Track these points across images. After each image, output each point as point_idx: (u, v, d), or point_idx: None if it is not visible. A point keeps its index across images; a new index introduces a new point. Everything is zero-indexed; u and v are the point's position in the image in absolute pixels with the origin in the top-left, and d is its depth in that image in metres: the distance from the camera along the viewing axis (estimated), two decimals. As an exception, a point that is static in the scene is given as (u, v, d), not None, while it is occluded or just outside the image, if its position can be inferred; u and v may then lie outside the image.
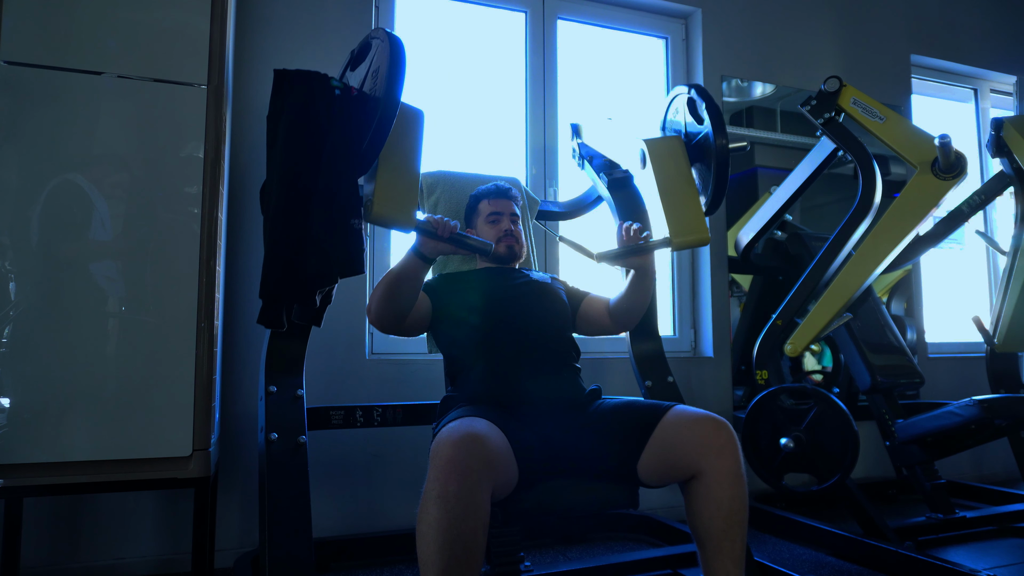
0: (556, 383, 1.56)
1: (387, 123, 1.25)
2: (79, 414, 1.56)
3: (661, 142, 1.52)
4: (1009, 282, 2.42)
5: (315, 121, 1.28)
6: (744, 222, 2.82)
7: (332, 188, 1.27)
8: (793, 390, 2.12)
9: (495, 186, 1.80)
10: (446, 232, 1.37)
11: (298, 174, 1.28)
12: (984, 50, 3.62)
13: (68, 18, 1.63)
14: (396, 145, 1.32)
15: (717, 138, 1.47)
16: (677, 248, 1.45)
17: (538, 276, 1.76)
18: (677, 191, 1.46)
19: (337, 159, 1.27)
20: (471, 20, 2.75)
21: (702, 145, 1.52)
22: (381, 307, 1.49)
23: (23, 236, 1.56)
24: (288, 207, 1.28)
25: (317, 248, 1.27)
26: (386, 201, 1.30)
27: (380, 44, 1.30)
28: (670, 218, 1.45)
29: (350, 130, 1.28)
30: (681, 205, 1.45)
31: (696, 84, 1.57)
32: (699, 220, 1.44)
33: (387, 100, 1.24)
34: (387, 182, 1.31)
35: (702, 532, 1.32)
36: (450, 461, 1.15)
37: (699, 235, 1.43)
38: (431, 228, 1.36)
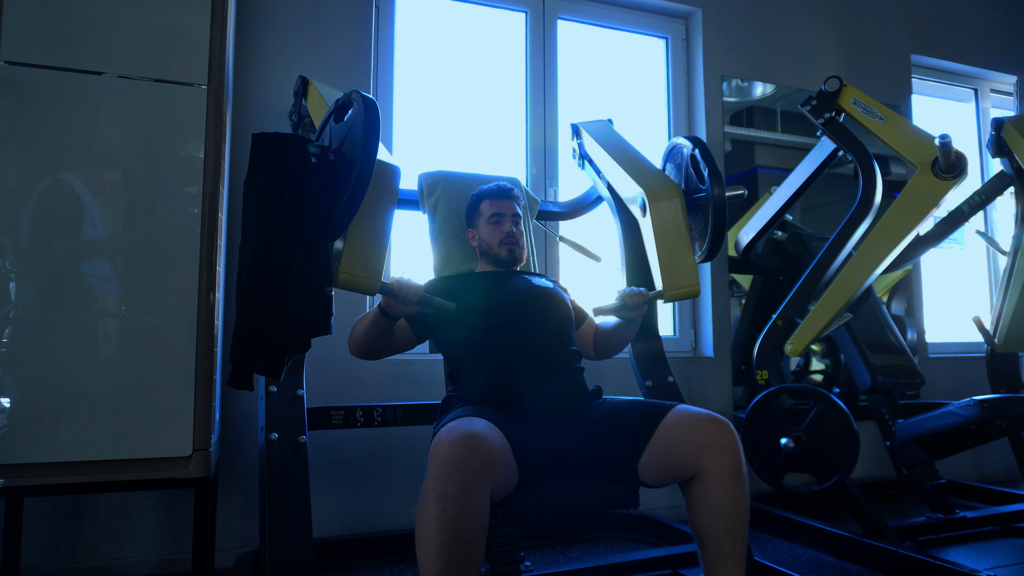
0: (557, 383, 1.55)
1: (361, 191, 1.26)
2: (79, 414, 1.56)
3: (662, 192, 1.59)
4: (1009, 282, 2.42)
5: (290, 186, 1.27)
6: (744, 222, 2.82)
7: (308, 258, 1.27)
8: (793, 390, 2.12)
9: (497, 186, 1.80)
10: (408, 300, 1.39)
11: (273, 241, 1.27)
12: (984, 50, 3.62)
13: (68, 18, 1.63)
14: (368, 209, 1.33)
15: (715, 189, 1.56)
16: (669, 300, 1.55)
17: (539, 281, 1.76)
18: (673, 246, 1.56)
19: (313, 227, 1.27)
20: (471, 20, 2.75)
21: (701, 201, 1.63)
22: (357, 349, 1.59)
23: (23, 236, 1.56)
24: (261, 274, 1.27)
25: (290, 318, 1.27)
26: (352, 267, 1.32)
27: (356, 108, 1.31)
28: (664, 271, 1.55)
29: (325, 195, 1.28)
30: (676, 260, 1.55)
31: (698, 140, 1.64)
32: (692, 275, 1.54)
33: (360, 172, 1.25)
34: (355, 249, 1.32)
35: (703, 532, 1.32)
36: (449, 461, 1.15)
37: (691, 288, 1.53)
38: (395, 293, 1.38)
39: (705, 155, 1.60)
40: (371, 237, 1.35)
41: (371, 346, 1.56)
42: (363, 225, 1.34)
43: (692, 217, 1.65)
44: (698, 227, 1.67)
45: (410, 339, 1.66)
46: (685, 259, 1.54)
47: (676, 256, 1.55)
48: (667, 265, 1.55)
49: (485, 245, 1.77)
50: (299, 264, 1.27)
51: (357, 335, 1.56)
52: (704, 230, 1.62)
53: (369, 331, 1.53)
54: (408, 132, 2.59)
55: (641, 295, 1.56)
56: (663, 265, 1.55)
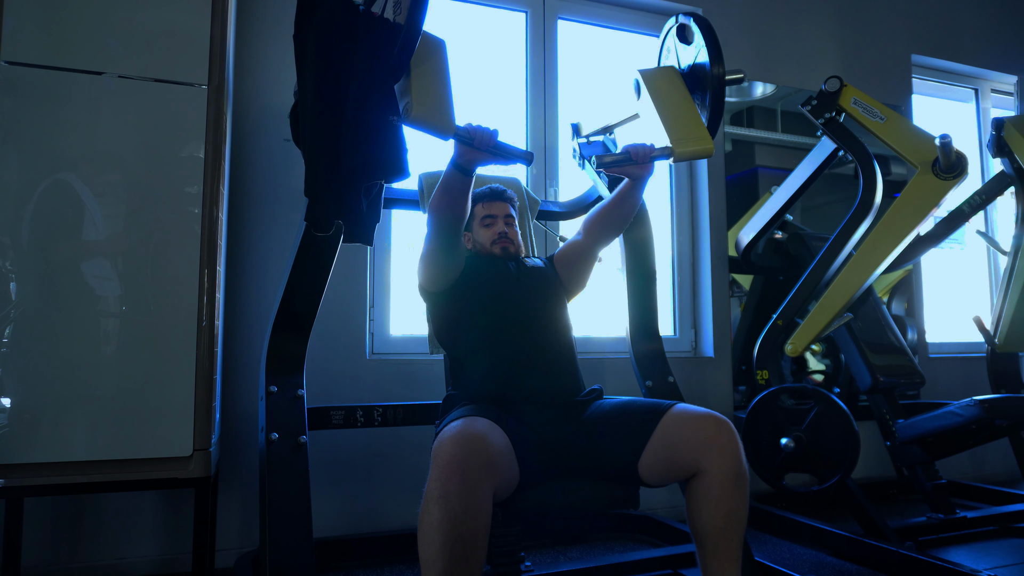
0: (557, 382, 1.56)
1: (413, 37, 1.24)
2: (79, 414, 1.56)
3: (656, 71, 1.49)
4: (1010, 282, 2.42)
5: (342, 36, 1.28)
6: (744, 222, 2.82)
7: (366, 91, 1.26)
8: (793, 390, 2.12)
9: (489, 189, 1.80)
10: (483, 143, 1.36)
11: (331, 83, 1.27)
12: (984, 50, 3.62)
13: (68, 18, 1.63)
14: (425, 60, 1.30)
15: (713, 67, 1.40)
16: (679, 158, 1.38)
17: (532, 263, 1.75)
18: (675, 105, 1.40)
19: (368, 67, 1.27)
20: (471, 20, 2.75)
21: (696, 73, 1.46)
22: (440, 207, 1.50)
23: (24, 236, 1.56)
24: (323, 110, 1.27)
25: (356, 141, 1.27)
26: (424, 104, 1.28)
27: None
28: (670, 128, 1.37)
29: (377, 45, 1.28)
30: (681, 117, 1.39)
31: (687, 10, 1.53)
32: (701, 130, 1.36)
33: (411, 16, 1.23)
34: (423, 87, 1.29)
35: (701, 531, 1.32)
36: (451, 461, 1.15)
37: (703, 144, 1.34)
38: (468, 137, 1.34)
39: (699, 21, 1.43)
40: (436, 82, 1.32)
41: (449, 212, 1.49)
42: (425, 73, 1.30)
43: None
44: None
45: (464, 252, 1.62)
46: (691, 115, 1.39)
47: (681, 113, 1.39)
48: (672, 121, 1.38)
49: (479, 247, 1.76)
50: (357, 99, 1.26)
51: (434, 200, 1.50)
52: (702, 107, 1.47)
53: (444, 194, 1.47)
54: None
55: (647, 149, 1.47)
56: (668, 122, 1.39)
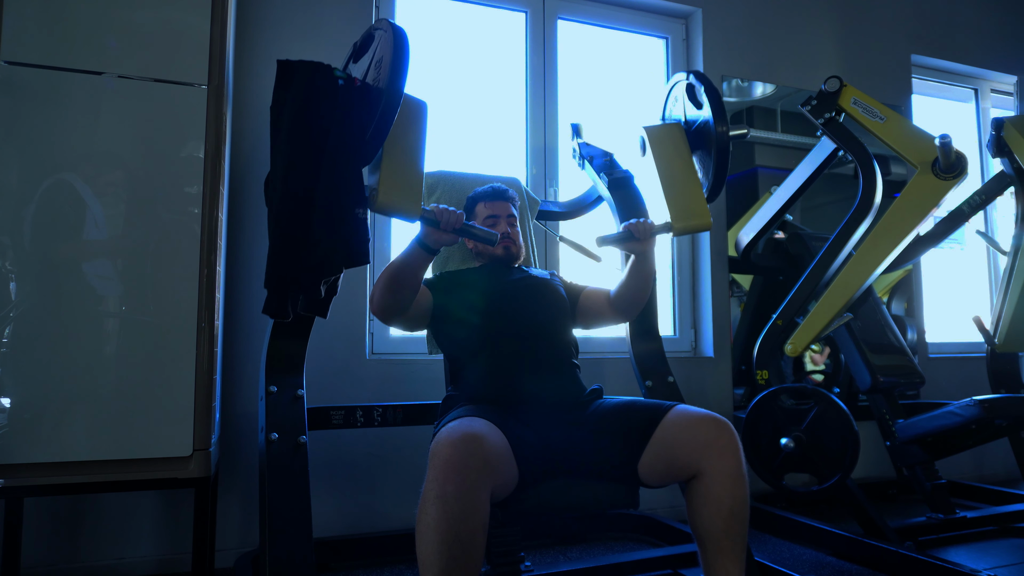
0: (557, 383, 1.55)
1: (391, 113, 1.24)
2: (79, 414, 1.56)
3: (661, 129, 1.51)
4: (1009, 282, 2.42)
5: (318, 112, 1.28)
6: (744, 222, 2.82)
7: (336, 178, 1.26)
8: (793, 390, 2.12)
9: (491, 188, 1.80)
10: (450, 225, 1.35)
11: (302, 165, 1.27)
12: (984, 50, 3.62)
13: (68, 18, 1.63)
14: (400, 136, 1.30)
15: (717, 125, 1.44)
16: (679, 233, 1.43)
17: (537, 273, 1.76)
18: (678, 176, 1.44)
19: (341, 149, 1.27)
20: (471, 20, 2.75)
21: (702, 132, 1.50)
22: (384, 297, 1.48)
23: (23, 236, 1.56)
24: (292, 197, 1.27)
25: (322, 237, 1.27)
26: (391, 190, 1.28)
27: (383, 35, 1.30)
28: (671, 203, 1.42)
29: (353, 121, 1.28)
30: (682, 190, 1.43)
31: (695, 70, 1.55)
32: (701, 205, 1.41)
33: (391, 90, 1.23)
34: (392, 171, 1.29)
35: (703, 532, 1.32)
36: (448, 461, 1.15)
37: (701, 220, 1.40)
38: (436, 218, 1.34)
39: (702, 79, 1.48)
40: (406, 163, 1.31)
41: (399, 289, 1.45)
42: (398, 152, 1.30)
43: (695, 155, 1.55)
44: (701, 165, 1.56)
45: (428, 308, 1.61)
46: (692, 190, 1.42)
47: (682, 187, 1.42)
48: (674, 196, 1.42)
49: (481, 247, 1.76)
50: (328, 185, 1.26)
51: (385, 278, 1.46)
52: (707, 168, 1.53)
53: (400, 270, 1.43)
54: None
55: (648, 225, 1.48)
56: (669, 197, 1.42)
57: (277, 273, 1.29)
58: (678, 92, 1.64)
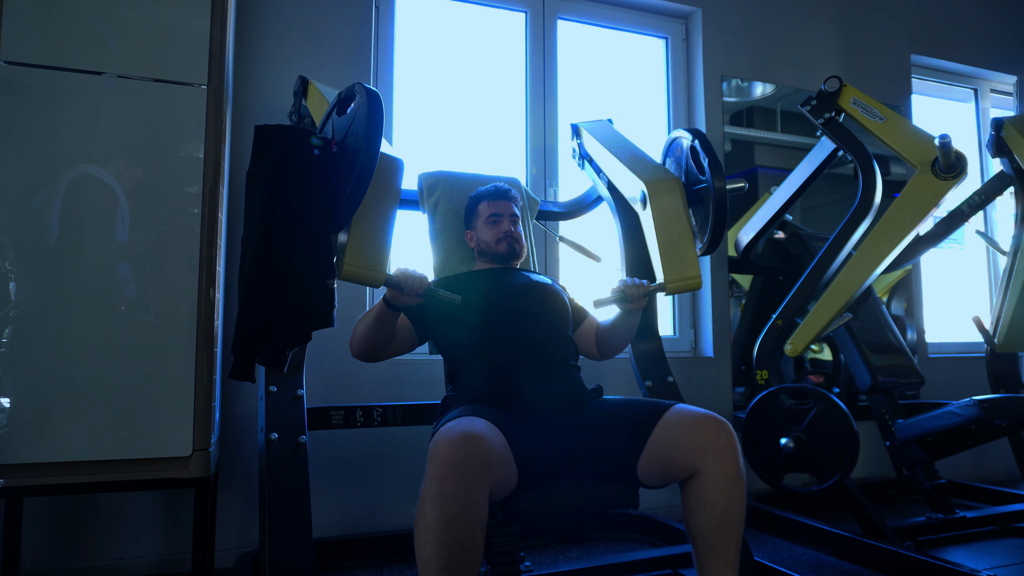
0: (556, 383, 1.55)
1: (364, 183, 1.26)
2: (79, 414, 1.56)
3: (662, 184, 1.57)
4: (1009, 282, 2.42)
5: (293, 179, 1.28)
6: (744, 222, 2.82)
7: (309, 251, 1.28)
8: (793, 390, 2.12)
9: (495, 187, 1.80)
10: (413, 292, 1.39)
11: (275, 232, 1.28)
12: (984, 50, 3.62)
13: (68, 18, 1.63)
14: (372, 200, 1.33)
15: (716, 182, 1.53)
16: (671, 292, 1.52)
17: (538, 278, 1.76)
18: (674, 237, 1.53)
19: (315, 219, 1.28)
20: (471, 20, 2.75)
21: (701, 192, 1.60)
22: (360, 347, 1.55)
23: (23, 236, 1.56)
24: (263, 265, 1.28)
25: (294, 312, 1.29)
26: (357, 259, 1.31)
27: (360, 100, 1.31)
28: (666, 264, 1.52)
29: (328, 188, 1.29)
30: (678, 252, 1.52)
31: (698, 131, 1.62)
32: (693, 267, 1.51)
33: (364, 164, 1.24)
34: (359, 241, 1.32)
35: (697, 532, 1.31)
36: (447, 461, 1.15)
37: (693, 281, 1.50)
38: (400, 284, 1.38)
39: (705, 146, 1.58)
40: (375, 229, 1.34)
41: (373, 343, 1.54)
42: (367, 217, 1.33)
43: (693, 210, 1.63)
44: (699, 220, 1.64)
45: (412, 340, 1.65)
46: (686, 251, 1.51)
47: (677, 248, 1.52)
48: (668, 257, 1.52)
49: (483, 245, 1.77)
50: (301, 256, 1.28)
51: (359, 333, 1.54)
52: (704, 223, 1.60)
53: (372, 328, 1.51)
54: (408, 132, 2.59)
55: (641, 287, 1.56)
56: (664, 257, 1.52)
57: (246, 342, 1.30)
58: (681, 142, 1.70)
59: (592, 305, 1.59)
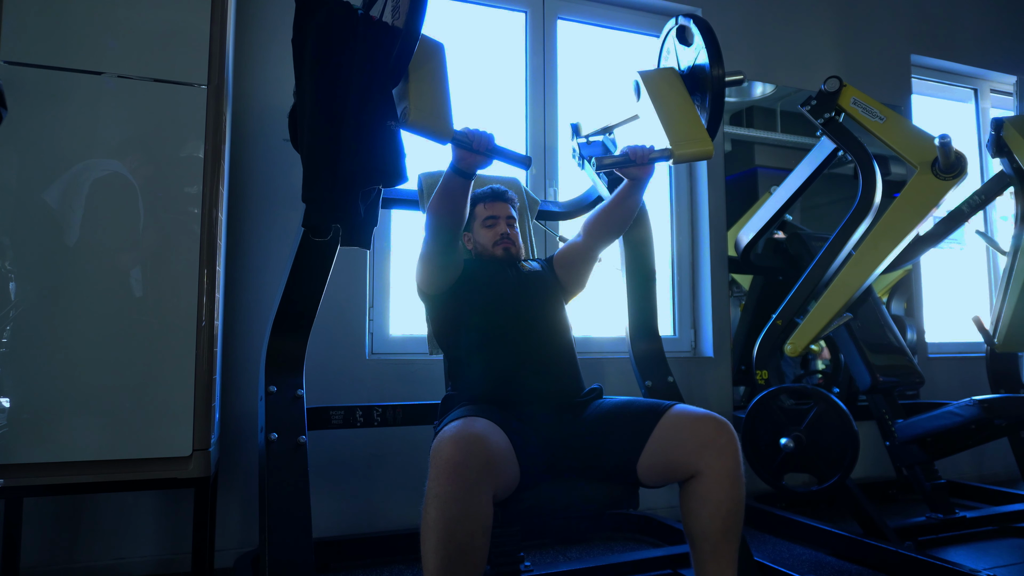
0: (556, 382, 1.55)
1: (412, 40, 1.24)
2: (79, 414, 1.56)
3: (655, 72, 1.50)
4: (1009, 282, 2.42)
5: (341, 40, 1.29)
6: (744, 222, 2.82)
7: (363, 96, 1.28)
8: (793, 390, 2.12)
9: (491, 189, 1.80)
10: (482, 145, 1.37)
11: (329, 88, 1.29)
12: (984, 50, 3.62)
13: (68, 18, 1.63)
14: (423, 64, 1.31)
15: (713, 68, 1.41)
16: (679, 160, 1.38)
17: (531, 266, 1.76)
18: (675, 106, 1.41)
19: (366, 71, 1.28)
20: (471, 20, 2.75)
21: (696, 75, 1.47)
22: (439, 208, 1.50)
23: (23, 236, 1.56)
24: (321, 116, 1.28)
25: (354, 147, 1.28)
26: (422, 108, 1.29)
27: None
28: (670, 130, 1.38)
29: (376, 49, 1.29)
30: (681, 118, 1.40)
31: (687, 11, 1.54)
32: (701, 131, 1.37)
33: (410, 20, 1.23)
34: (421, 92, 1.30)
35: (697, 532, 1.31)
36: (450, 461, 1.15)
37: (702, 146, 1.35)
38: (467, 141, 1.35)
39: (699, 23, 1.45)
40: (434, 87, 1.32)
41: (449, 217, 1.49)
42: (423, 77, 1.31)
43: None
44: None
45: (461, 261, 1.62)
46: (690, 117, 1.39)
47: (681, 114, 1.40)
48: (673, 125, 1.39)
49: (480, 247, 1.77)
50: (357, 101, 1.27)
51: (434, 199, 1.50)
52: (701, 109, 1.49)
53: (443, 198, 1.48)
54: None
55: (647, 151, 1.48)
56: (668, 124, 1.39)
57: (314, 185, 1.29)
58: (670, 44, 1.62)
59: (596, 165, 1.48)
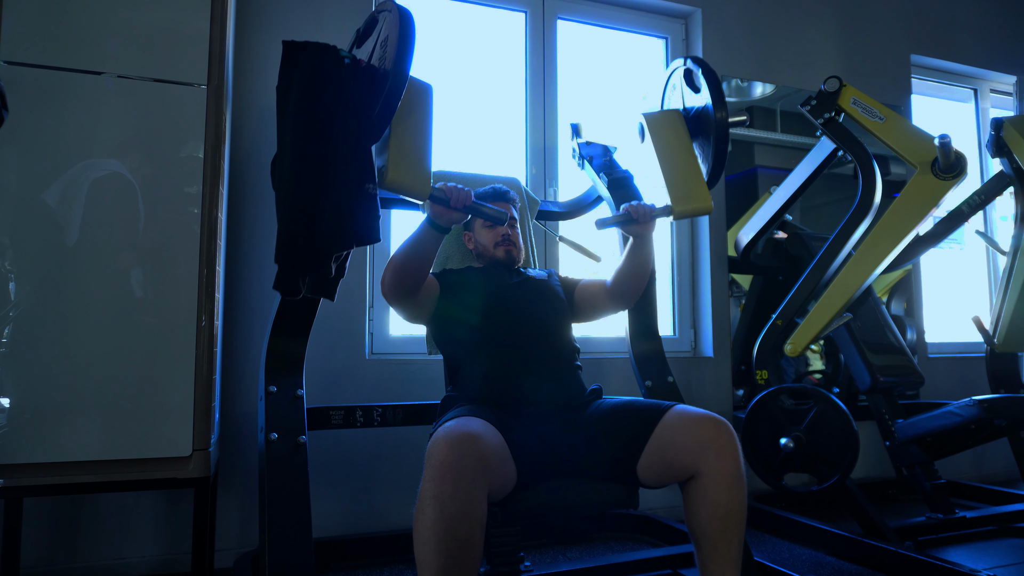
0: (556, 383, 1.55)
1: (398, 90, 1.25)
2: (79, 414, 1.56)
3: (660, 115, 1.51)
4: (1009, 282, 2.42)
5: (325, 91, 1.29)
6: (744, 222, 2.82)
7: (345, 153, 1.27)
8: (793, 390, 2.12)
9: (492, 189, 1.80)
10: (460, 202, 1.35)
11: (310, 143, 1.28)
12: (984, 50, 3.62)
13: (68, 18, 1.63)
14: (406, 115, 1.31)
15: (717, 111, 1.44)
16: (679, 216, 1.42)
17: (536, 273, 1.76)
18: (678, 160, 1.43)
19: (349, 127, 1.28)
20: (471, 20, 2.75)
21: (701, 118, 1.50)
22: (396, 276, 1.48)
23: (23, 236, 1.56)
24: (301, 174, 1.28)
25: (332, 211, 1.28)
26: (400, 167, 1.29)
27: (389, 15, 1.31)
28: (671, 186, 1.42)
29: (360, 99, 1.29)
30: (683, 174, 1.42)
31: (693, 56, 1.55)
32: (701, 188, 1.40)
33: (397, 67, 1.24)
34: (400, 149, 1.30)
35: (699, 532, 1.32)
36: (445, 461, 1.15)
37: (702, 203, 1.39)
38: (445, 197, 1.34)
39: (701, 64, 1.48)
40: (415, 143, 1.32)
41: (410, 269, 1.47)
42: (406, 132, 1.31)
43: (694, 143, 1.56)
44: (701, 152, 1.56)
45: (434, 296, 1.60)
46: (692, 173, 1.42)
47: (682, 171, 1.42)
48: (674, 180, 1.42)
49: (481, 248, 1.77)
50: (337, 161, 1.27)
51: (396, 259, 1.47)
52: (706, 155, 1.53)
53: (411, 250, 1.44)
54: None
55: (648, 208, 1.48)
56: (670, 180, 1.42)
57: (288, 248, 1.29)
58: (676, 80, 1.64)
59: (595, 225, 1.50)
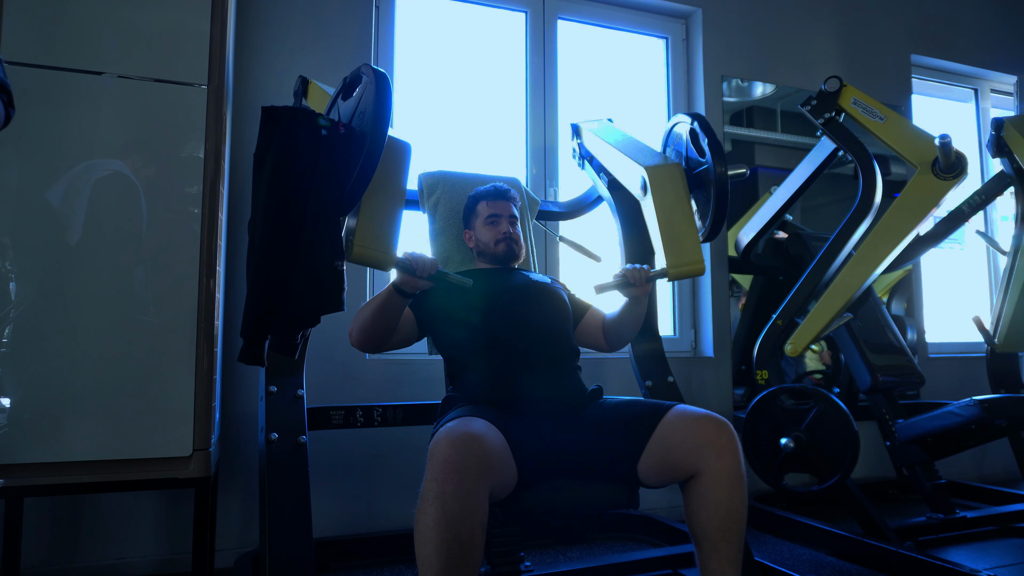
0: (557, 383, 1.55)
1: (372, 165, 1.25)
2: (79, 414, 1.56)
3: (663, 170, 1.55)
4: (1009, 282, 2.42)
5: (300, 160, 1.27)
6: (744, 222, 2.82)
7: (318, 231, 1.27)
8: (793, 390, 2.12)
9: (494, 187, 1.80)
10: (425, 273, 1.37)
11: (283, 215, 1.27)
12: (984, 50, 3.62)
13: (68, 18, 1.63)
14: (380, 183, 1.32)
15: (717, 167, 1.51)
16: (673, 278, 1.49)
17: (537, 277, 1.76)
18: (676, 222, 1.51)
19: (323, 201, 1.27)
20: (471, 20, 2.75)
21: (702, 176, 1.57)
22: (362, 336, 1.51)
23: (23, 236, 1.56)
24: (272, 249, 1.27)
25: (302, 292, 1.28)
26: (366, 241, 1.30)
27: (367, 81, 1.30)
28: (668, 249, 1.49)
29: (336, 170, 1.28)
30: (680, 236, 1.50)
31: (698, 114, 1.60)
32: (696, 251, 1.48)
33: (372, 143, 1.23)
34: (368, 223, 1.31)
35: (700, 532, 1.32)
36: (447, 461, 1.15)
37: (696, 266, 1.47)
38: (411, 266, 1.36)
39: (705, 128, 1.54)
40: (384, 213, 1.33)
41: (377, 331, 1.50)
42: (376, 201, 1.32)
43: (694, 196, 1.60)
44: (700, 206, 1.61)
45: (413, 333, 1.62)
46: (688, 235, 1.48)
47: (679, 232, 1.49)
48: (670, 242, 1.48)
49: (482, 245, 1.77)
50: (309, 238, 1.27)
51: (362, 320, 1.50)
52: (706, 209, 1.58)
53: (376, 314, 1.47)
54: (409, 132, 2.58)
55: (643, 271, 1.53)
56: (666, 242, 1.49)
57: (255, 325, 1.29)
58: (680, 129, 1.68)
59: (593, 292, 1.55)
